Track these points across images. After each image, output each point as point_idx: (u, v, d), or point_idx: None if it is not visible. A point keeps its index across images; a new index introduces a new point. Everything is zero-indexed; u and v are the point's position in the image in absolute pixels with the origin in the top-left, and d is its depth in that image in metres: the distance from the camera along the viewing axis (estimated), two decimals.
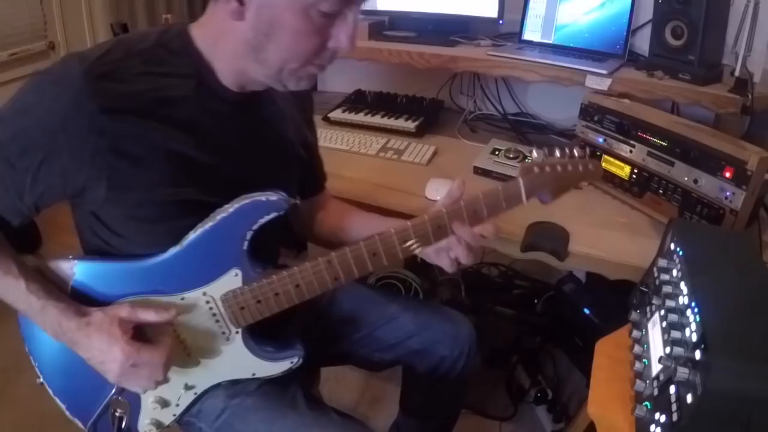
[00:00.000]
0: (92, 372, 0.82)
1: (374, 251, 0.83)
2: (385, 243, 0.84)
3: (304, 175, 1.01)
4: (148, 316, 0.81)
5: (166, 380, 0.86)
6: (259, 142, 0.87)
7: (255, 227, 0.81)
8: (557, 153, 0.89)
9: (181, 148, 0.78)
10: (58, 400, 0.93)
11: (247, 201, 0.80)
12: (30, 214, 0.81)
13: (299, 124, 0.98)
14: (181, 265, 0.82)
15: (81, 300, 0.84)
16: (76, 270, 0.84)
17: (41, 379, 0.93)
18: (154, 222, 0.80)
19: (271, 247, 0.99)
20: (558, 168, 0.88)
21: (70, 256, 0.85)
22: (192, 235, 0.81)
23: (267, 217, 0.81)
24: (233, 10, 0.71)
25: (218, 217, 0.80)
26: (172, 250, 0.81)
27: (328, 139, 1.55)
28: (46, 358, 0.91)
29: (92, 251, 0.87)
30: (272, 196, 0.80)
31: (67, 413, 0.93)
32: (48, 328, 0.82)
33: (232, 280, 0.83)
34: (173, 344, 0.84)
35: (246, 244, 0.81)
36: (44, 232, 1.98)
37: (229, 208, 0.80)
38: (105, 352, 0.79)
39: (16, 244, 0.84)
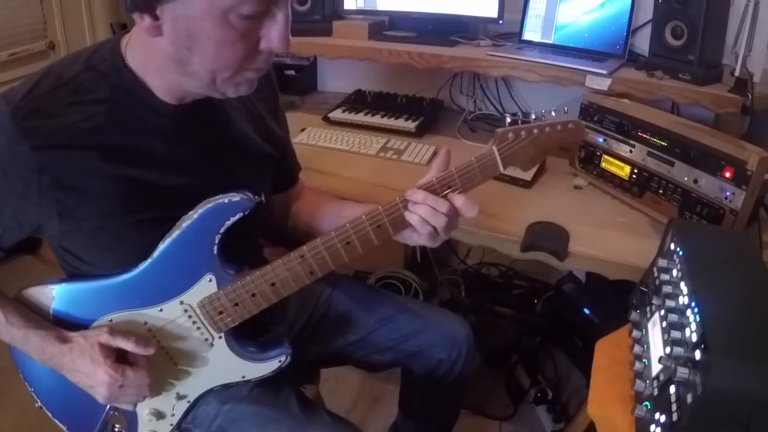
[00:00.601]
0: (84, 392, 0.83)
1: (347, 240, 0.81)
2: (358, 230, 0.81)
3: (277, 169, 0.99)
4: (126, 345, 0.80)
5: (158, 392, 0.87)
6: (212, 149, 0.84)
7: (222, 230, 0.80)
8: (533, 116, 0.84)
9: (126, 172, 0.76)
10: (58, 422, 0.94)
11: (210, 205, 0.79)
12: None
13: (263, 118, 0.94)
14: (154, 277, 0.82)
15: (63, 324, 0.84)
16: (54, 295, 0.85)
17: (39, 403, 0.94)
18: (115, 247, 0.80)
19: (249, 246, 0.97)
20: (535, 131, 0.83)
21: (47, 281, 0.85)
22: (161, 246, 0.80)
23: (233, 219, 0.79)
24: (148, 26, 0.67)
25: (184, 225, 0.79)
26: (145, 264, 0.81)
27: (328, 139, 1.55)
28: (40, 382, 0.92)
29: (70, 276, 0.87)
30: (234, 197, 0.79)
31: None
32: (33, 355, 0.83)
33: (206, 285, 0.83)
34: (157, 360, 0.84)
35: (216, 248, 0.81)
36: None
37: (194, 215, 0.79)
38: (91, 376, 0.80)
39: (17, 245, 0.84)
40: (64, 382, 0.84)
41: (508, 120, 0.84)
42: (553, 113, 0.85)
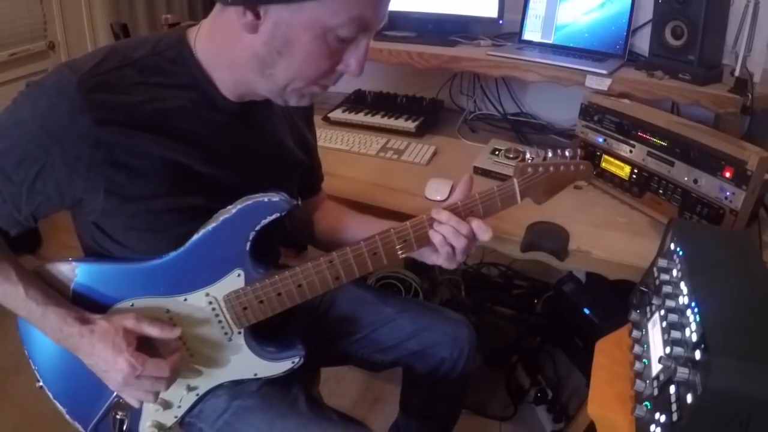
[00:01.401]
0: (92, 376, 0.82)
1: (374, 251, 0.85)
2: (385, 242, 0.85)
3: (303, 176, 1.01)
4: (153, 331, 0.80)
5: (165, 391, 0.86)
6: (258, 150, 0.87)
7: (258, 228, 0.81)
8: (550, 154, 0.91)
9: (179, 158, 0.77)
10: (57, 404, 0.92)
11: (249, 202, 0.80)
12: (28, 225, 0.80)
13: (299, 127, 0.98)
14: (183, 266, 0.82)
15: (83, 303, 0.83)
16: (78, 272, 0.84)
17: (41, 383, 0.92)
18: (155, 231, 0.80)
19: (272, 248, 0.99)
20: (551, 168, 0.90)
21: (71, 259, 0.85)
22: (195, 237, 0.81)
23: (269, 218, 0.81)
24: (248, 22, 0.68)
25: (221, 218, 0.80)
26: (175, 252, 0.81)
27: (328, 139, 1.55)
28: (45, 361, 0.91)
29: (93, 256, 0.86)
30: (274, 197, 0.80)
31: (67, 416, 0.93)
32: (49, 333, 0.82)
33: (234, 280, 0.83)
34: (180, 360, 0.83)
35: (249, 244, 0.82)
36: (44, 232, 1.98)
37: (232, 209, 0.80)
38: (109, 361, 0.79)
39: (16, 244, 0.84)
40: (71, 362, 0.83)
41: (528, 156, 0.92)
42: (567, 153, 0.92)
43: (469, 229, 0.85)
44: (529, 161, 0.91)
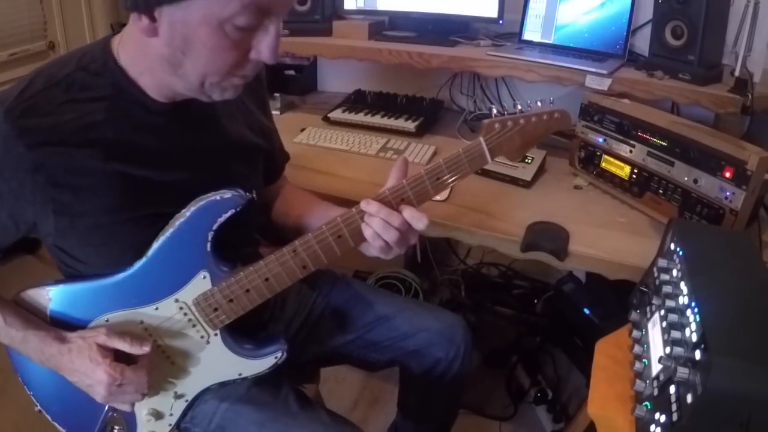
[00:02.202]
0: (84, 394, 0.83)
1: (339, 233, 0.82)
2: (349, 223, 0.82)
3: (266, 161, 1.00)
4: (122, 345, 0.81)
5: (155, 391, 0.88)
6: (206, 144, 0.86)
7: (215, 227, 0.80)
8: (519, 107, 0.85)
9: (120, 168, 0.77)
10: (57, 425, 0.94)
11: (202, 203, 0.80)
12: None
13: (251, 112, 0.96)
14: (149, 275, 0.82)
15: (61, 325, 0.85)
16: (51, 296, 0.85)
17: (38, 407, 0.94)
18: (110, 244, 0.80)
19: (246, 242, 0.98)
20: (521, 121, 0.85)
21: (42, 284, 0.86)
22: (155, 245, 0.81)
23: (225, 215, 0.80)
24: (145, 27, 0.68)
25: (177, 223, 0.80)
26: (139, 262, 0.81)
27: (328, 139, 1.55)
28: (39, 386, 0.92)
29: (67, 276, 0.87)
30: (226, 194, 0.80)
31: None
32: (32, 356, 0.83)
33: (201, 282, 0.83)
34: (154, 359, 0.84)
35: (209, 245, 0.81)
36: None
37: (186, 213, 0.80)
38: (89, 375, 0.80)
39: (16, 245, 0.84)
40: (64, 385, 0.84)
41: (494, 111, 0.85)
42: (539, 103, 0.86)
43: (401, 220, 0.80)
44: (496, 116, 0.84)
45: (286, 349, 0.90)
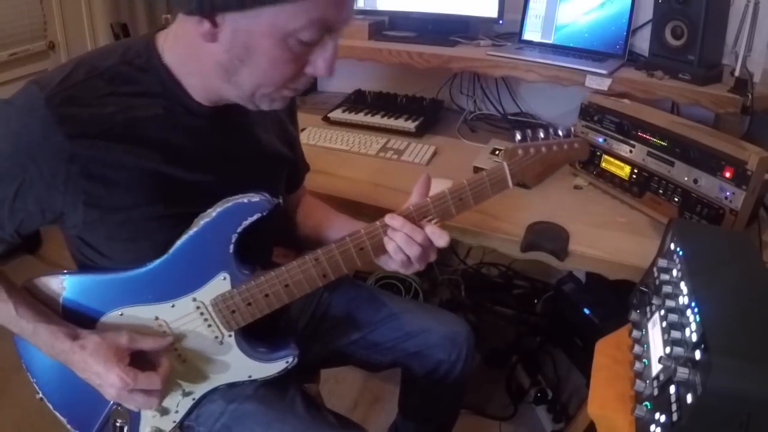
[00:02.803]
0: (89, 386, 0.83)
1: (361, 246, 0.83)
2: (372, 237, 0.83)
3: (288, 170, 1.00)
4: (147, 344, 0.81)
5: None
6: (239, 151, 0.86)
7: (239, 230, 0.80)
8: (541, 134, 0.87)
9: (155, 166, 0.76)
10: (58, 414, 0.93)
11: (229, 204, 0.79)
12: (13, 241, 0.80)
13: (282, 121, 0.96)
14: (169, 272, 0.82)
15: (73, 315, 0.84)
16: (66, 285, 0.84)
17: (40, 394, 0.93)
18: (137, 240, 0.80)
19: (263, 247, 0.98)
20: (543, 149, 0.86)
21: (58, 272, 0.85)
22: (178, 243, 0.80)
23: (251, 219, 0.80)
24: (206, 32, 0.67)
25: (202, 223, 0.80)
26: (160, 259, 0.81)
27: (328, 139, 1.55)
28: (43, 374, 0.91)
29: (82, 266, 0.87)
30: (254, 198, 0.79)
31: (69, 427, 0.94)
32: (42, 348, 0.82)
33: (220, 284, 0.83)
34: (170, 368, 0.84)
35: (232, 247, 0.81)
36: (44, 232, 1.98)
37: (213, 213, 0.79)
38: (102, 376, 0.79)
39: (16, 246, 0.84)
40: (68, 374, 0.83)
41: (518, 137, 0.87)
42: (561, 132, 0.88)
43: (423, 236, 0.82)
44: (519, 143, 0.86)
45: (296, 354, 0.91)
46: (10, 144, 0.71)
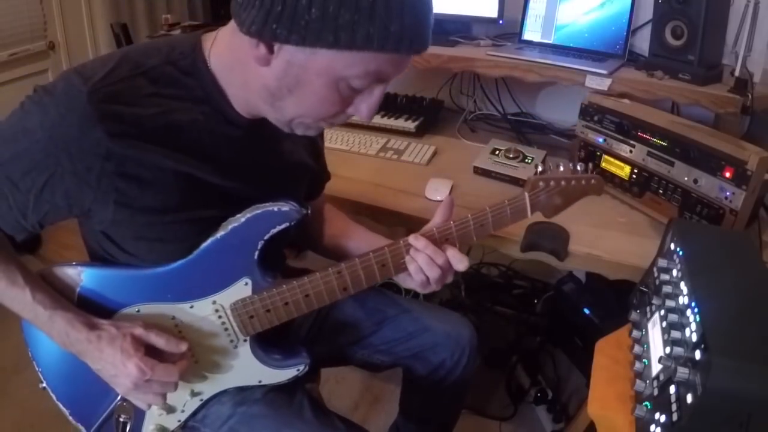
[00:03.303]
0: (97, 378, 0.82)
1: (383, 262, 0.85)
2: (394, 254, 0.85)
3: (311, 179, 1.01)
4: (159, 342, 0.80)
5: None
6: (271, 162, 0.86)
7: (267, 237, 0.81)
8: (561, 168, 0.90)
9: (190, 171, 0.76)
10: (60, 405, 0.92)
11: (259, 211, 0.80)
12: (34, 231, 0.80)
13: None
14: (191, 273, 0.82)
15: (88, 307, 0.83)
16: (84, 277, 0.84)
17: (44, 384, 0.92)
18: (166, 241, 0.80)
19: (279, 254, 1.00)
20: (562, 182, 0.89)
21: (76, 263, 0.84)
22: (203, 245, 0.80)
23: (279, 227, 0.80)
24: (260, 55, 0.66)
25: (230, 227, 0.80)
26: (183, 260, 0.81)
27: (328, 138, 1.55)
28: (49, 363, 0.91)
29: (98, 261, 0.86)
30: (284, 207, 0.80)
31: (70, 418, 0.93)
32: (56, 337, 0.81)
33: (242, 289, 0.83)
34: (188, 364, 0.83)
35: (257, 253, 0.81)
36: (44, 232, 1.98)
37: (241, 218, 0.80)
38: (118, 366, 0.78)
39: (16, 245, 0.83)
40: (75, 365, 0.82)
41: (539, 169, 0.90)
42: (579, 167, 0.91)
43: (444, 258, 0.83)
44: (540, 174, 0.89)
45: (308, 363, 0.91)
46: (46, 135, 0.69)
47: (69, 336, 0.80)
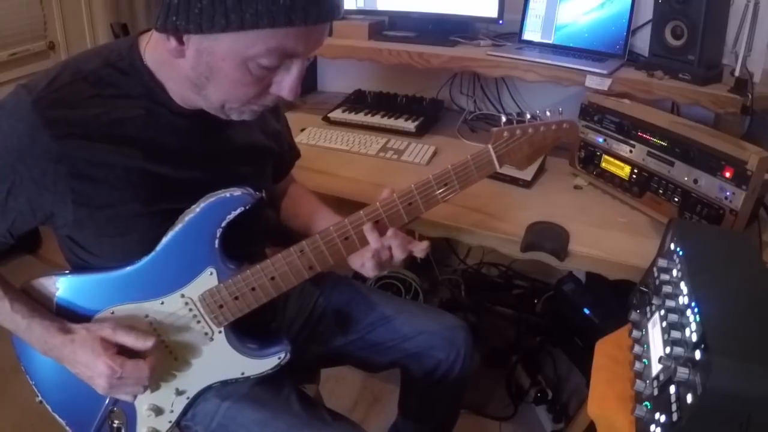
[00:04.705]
0: (86, 386, 0.84)
1: (346, 235, 0.84)
2: (356, 225, 0.83)
3: (275, 162, 1.02)
4: (127, 340, 0.82)
5: (157, 386, 0.88)
6: (222, 147, 0.88)
7: (223, 224, 0.81)
8: (528, 116, 0.87)
9: (141, 165, 0.78)
10: (57, 417, 0.94)
11: (212, 199, 0.81)
12: (6, 241, 0.83)
13: (263, 116, 0.96)
14: (156, 270, 0.83)
15: (67, 315, 0.85)
16: (59, 286, 0.86)
17: (39, 398, 0.94)
18: (126, 235, 0.81)
19: (253, 242, 0.99)
20: (530, 130, 0.86)
21: (50, 273, 0.86)
22: (164, 240, 0.82)
23: (234, 213, 0.81)
24: (173, 48, 0.70)
25: (186, 219, 0.81)
26: (147, 257, 0.82)
27: (328, 139, 1.55)
28: (41, 376, 0.92)
29: (75, 268, 0.88)
30: (236, 192, 0.81)
31: (68, 429, 0.95)
32: (35, 345, 0.84)
33: (207, 279, 0.84)
34: (157, 353, 0.85)
35: (217, 242, 0.82)
36: (44, 232, 1.98)
37: (196, 208, 0.81)
38: (90, 367, 0.81)
39: (17, 245, 0.84)
40: (66, 376, 0.84)
41: (504, 119, 0.87)
42: (548, 113, 0.87)
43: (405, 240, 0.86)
44: (505, 125, 0.86)
45: (289, 350, 0.91)
46: (1, 146, 0.73)
47: (47, 342, 0.83)
